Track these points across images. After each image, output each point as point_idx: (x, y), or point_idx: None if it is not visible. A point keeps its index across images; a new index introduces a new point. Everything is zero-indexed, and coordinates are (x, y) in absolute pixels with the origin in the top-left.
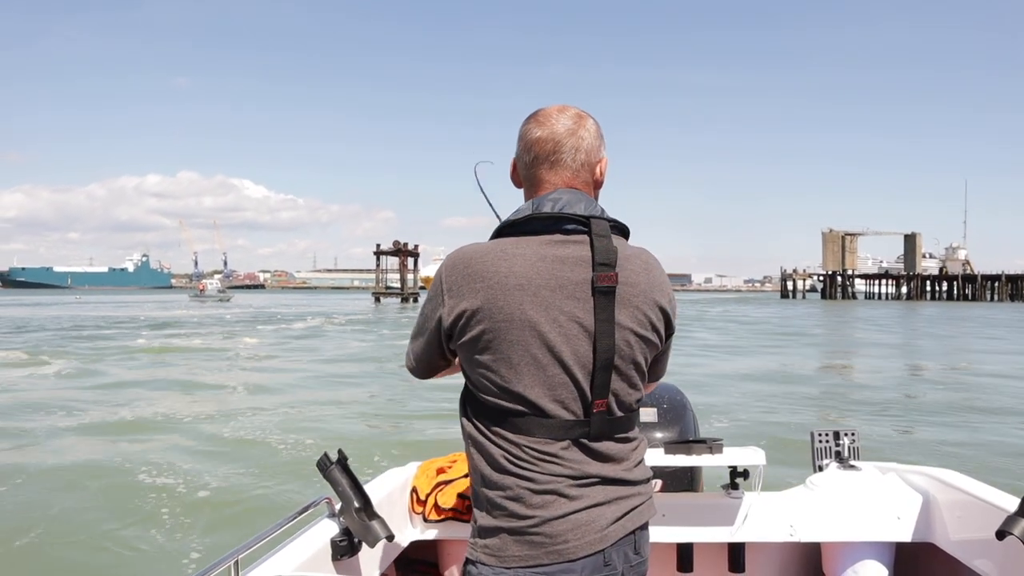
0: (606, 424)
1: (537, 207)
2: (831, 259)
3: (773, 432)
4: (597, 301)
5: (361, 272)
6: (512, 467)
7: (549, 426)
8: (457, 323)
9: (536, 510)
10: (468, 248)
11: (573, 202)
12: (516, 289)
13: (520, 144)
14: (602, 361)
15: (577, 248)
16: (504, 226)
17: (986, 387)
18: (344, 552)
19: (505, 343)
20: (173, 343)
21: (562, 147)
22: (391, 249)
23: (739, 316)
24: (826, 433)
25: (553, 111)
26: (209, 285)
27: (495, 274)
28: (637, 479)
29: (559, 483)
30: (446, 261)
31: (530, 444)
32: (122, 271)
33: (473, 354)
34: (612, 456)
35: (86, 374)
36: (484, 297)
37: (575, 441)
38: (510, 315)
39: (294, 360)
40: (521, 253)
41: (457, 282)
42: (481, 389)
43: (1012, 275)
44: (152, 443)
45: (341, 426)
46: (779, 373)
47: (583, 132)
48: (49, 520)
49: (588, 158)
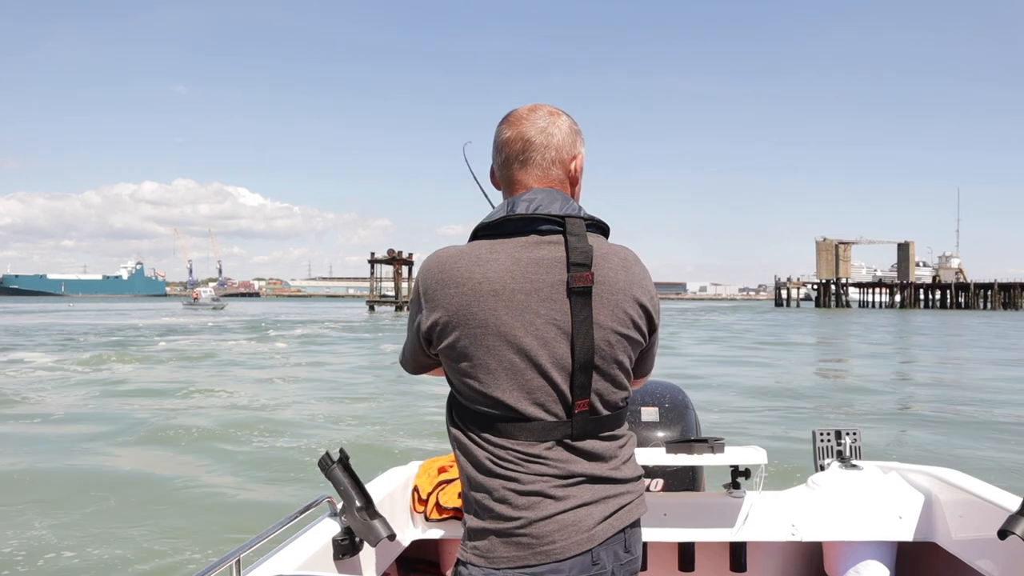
0: (590, 424)
1: (511, 208)
2: (825, 268)
3: (774, 432)
4: (573, 302)
5: (356, 280)
6: (497, 469)
7: (531, 429)
8: (433, 330)
9: (522, 511)
10: (443, 252)
11: (548, 202)
12: (490, 295)
13: (493, 146)
14: (581, 362)
15: (552, 249)
16: (479, 228)
17: (985, 389)
18: (346, 551)
19: (481, 349)
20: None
21: (531, 146)
22: (386, 257)
23: (728, 324)
24: (828, 432)
25: (524, 111)
26: (203, 293)
27: (468, 280)
28: (625, 477)
29: (544, 483)
30: (423, 265)
31: (514, 446)
32: (116, 279)
33: (451, 361)
34: (598, 454)
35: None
36: (458, 304)
37: (559, 441)
38: (484, 322)
39: (291, 365)
40: (495, 258)
41: (432, 287)
42: (463, 394)
43: (1005, 283)
44: (150, 444)
45: (342, 426)
46: (777, 374)
47: (553, 129)
48: (48, 520)
49: (559, 155)
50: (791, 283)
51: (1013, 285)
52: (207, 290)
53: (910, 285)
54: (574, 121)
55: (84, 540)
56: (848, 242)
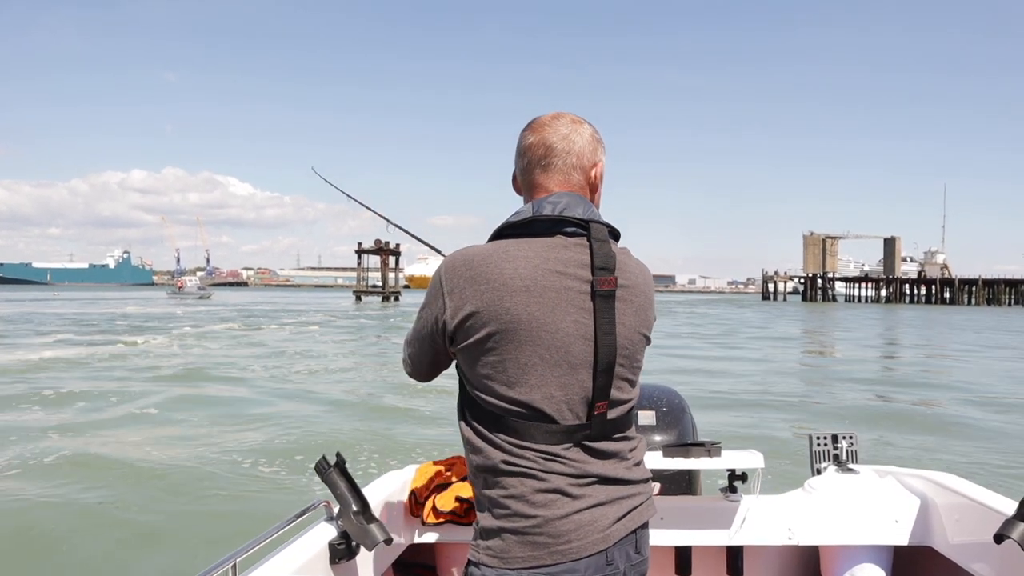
0: (607, 425)
1: (537, 209)
2: (812, 262)
3: (770, 435)
4: (597, 304)
5: (345, 270)
6: (514, 467)
7: (551, 431)
8: (462, 326)
9: (539, 509)
10: (469, 250)
11: (572, 205)
12: (522, 291)
13: (516, 151)
14: (604, 363)
15: (578, 252)
16: (504, 227)
17: (982, 390)
18: (342, 555)
19: (513, 344)
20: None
21: (553, 151)
22: (373, 248)
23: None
24: (824, 436)
25: (547, 118)
26: (188, 282)
27: (499, 276)
28: (637, 478)
29: (561, 481)
30: (445, 263)
31: (532, 446)
32: (103, 267)
33: (478, 356)
34: (612, 455)
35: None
36: (489, 299)
37: (576, 443)
38: (517, 316)
39: (276, 360)
40: (524, 255)
41: (459, 284)
42: (483, 391)
43: (989, 279)
44: (145, 444)
45: (338, 429)
46: (775, 374)
47: (575, 136)
48: (45, 521)
49: (580, 161)
50: (778, 277)
51: (997, 281)
52: (193, 279)
53: (896, 280)
54: (596, 130)
55: (76, 542)
56: (835, 236)
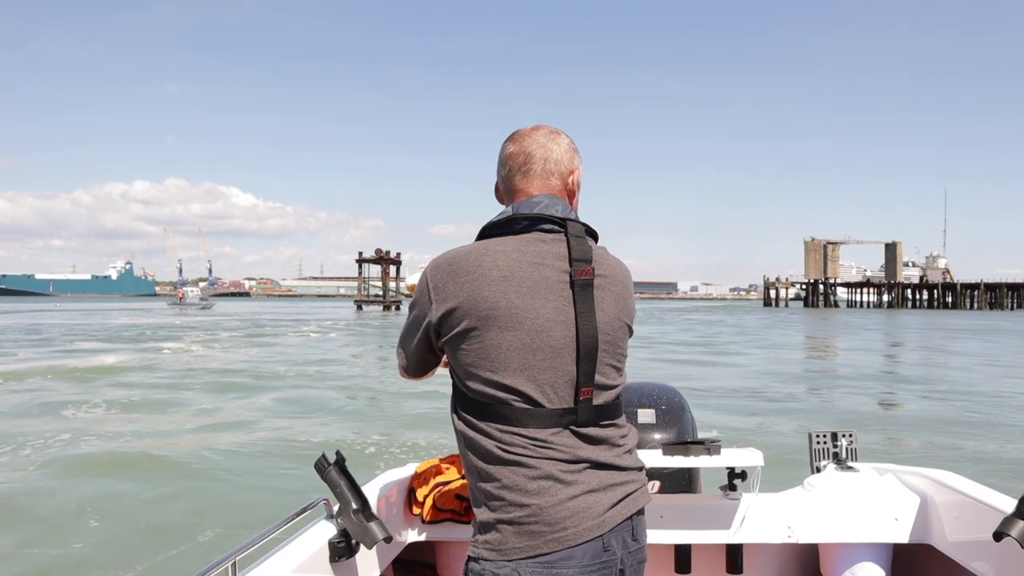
0: (593, 411)
1: (517, 209)
2: (813, 267)
3: (770, 433)
4: (576, 293)
5: (347, 280)
6: (506, 456)
7: (538, 415)
8: (446, 319)
9: (532, 498)
10: (451, 251)
11: (551, 205)
12: (500, 280)
13: (498, 161)
14: (586, 348)
15: (555, 245)
16: (486, 228)
17: (981, 391)
18: (342, 553)
19: (494, 330)
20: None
21: (532, 158)
22: (373, 257)
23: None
24: (824, 434)
25: (527, 130)
26: (190, 293)
27: (478, 268)
28: (629, 466)
29: (553, 466)
30: (431, 265)
31: (521, 432)
32: (105, 279)
33: (461, 345)
34: (601, 441)
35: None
36: (469, 290)
37: (564, 427)
38: (496, 303)
39: (278, 364)
40: (502, 249)
41: (443, 281)
42: (469, 380)
43: (991, 284)
44: (144, 446)
45: (338, 428)
46: (774, 375)
47: (552, 145)
48: (44, 521)
49: (558, 167)
50: (780, 283)
51: (999, 285)
52: (194, 290)
53: (897, 285)
54: (572, 141)
55: (76, 540)
56: (836, 242)
